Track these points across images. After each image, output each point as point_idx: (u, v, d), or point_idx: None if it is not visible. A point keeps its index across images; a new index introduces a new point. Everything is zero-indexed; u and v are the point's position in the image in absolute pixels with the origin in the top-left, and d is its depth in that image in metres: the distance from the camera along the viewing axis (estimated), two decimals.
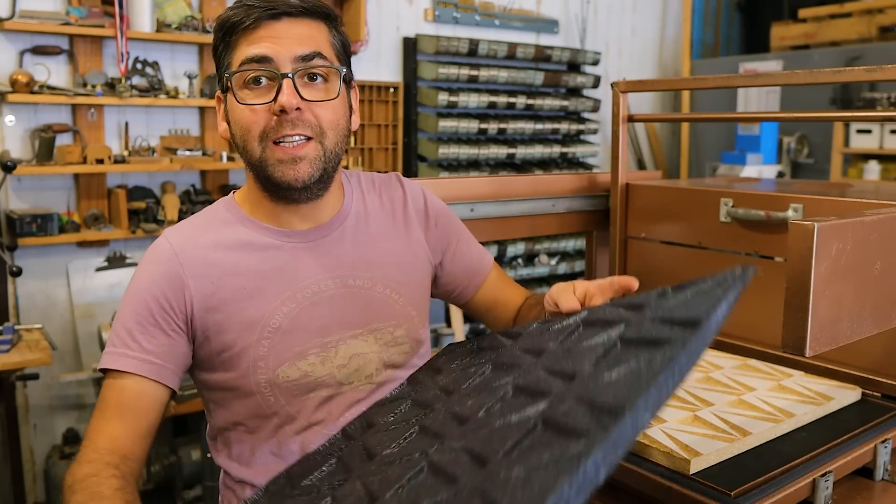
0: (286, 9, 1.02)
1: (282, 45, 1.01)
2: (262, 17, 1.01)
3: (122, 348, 1.02)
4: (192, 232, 1.10)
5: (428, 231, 1.24)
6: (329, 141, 1.05)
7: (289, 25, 1.03)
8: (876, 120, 2.81)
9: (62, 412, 3.04)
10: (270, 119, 1.02)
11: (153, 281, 1.05)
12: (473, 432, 0.74)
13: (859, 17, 4.37)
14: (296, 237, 1.11)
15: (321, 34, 1.06)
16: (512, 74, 3.95)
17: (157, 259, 1.06)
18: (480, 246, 1.33)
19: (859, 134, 4.12)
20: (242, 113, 1.03)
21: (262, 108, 1.02)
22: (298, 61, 1.02)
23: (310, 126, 1.03)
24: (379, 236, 1.18)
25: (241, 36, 1.03)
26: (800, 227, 0.90)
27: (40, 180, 2.92)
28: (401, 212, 1.22)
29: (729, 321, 0.68)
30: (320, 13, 1.06)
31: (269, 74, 1.01)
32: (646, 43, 4.98)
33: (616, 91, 1.74)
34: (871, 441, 1.12)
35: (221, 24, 1.05)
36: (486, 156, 3.89)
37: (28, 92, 2.70)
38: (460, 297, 1.31)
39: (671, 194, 1.71)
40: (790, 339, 0.93)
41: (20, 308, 2.91)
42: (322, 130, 1.04)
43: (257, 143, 1.03)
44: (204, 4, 3.17)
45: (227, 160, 3.15)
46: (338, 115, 1.06)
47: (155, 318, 1.03)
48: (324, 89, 1.05)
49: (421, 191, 1.26)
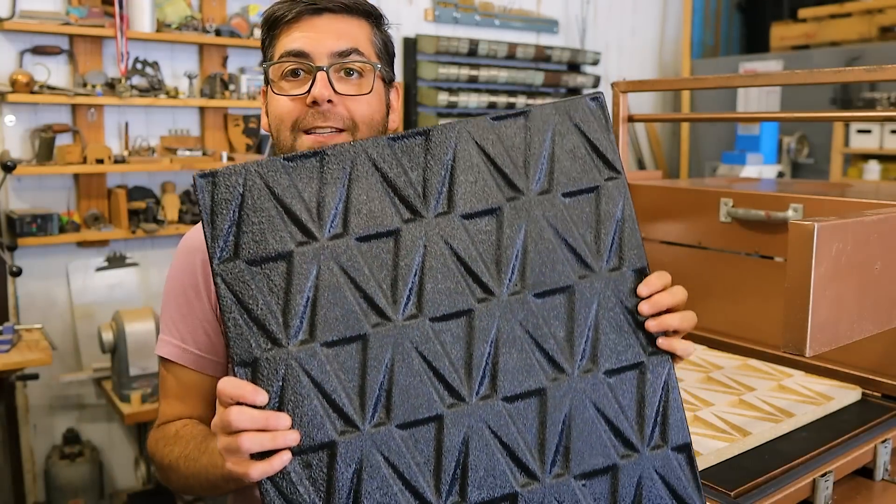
0: (327, 4, 1.05)
1: (319, 39, 1.04)
2: (304, 11, 1.04)
3: (167, 335, 1.10)
4: None
5: None
6: (361, 134, 1.06)
7: (329, 21, 1.05)
8: (876, 120, 2.80)
9: (62, 412, 3.04)
10: (304, 110, 1.04)
11: (188, 272, 1.10)
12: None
13: (859, 17, 4.37)
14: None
15: (361, 31, 1.07)
16: (512, 74, 3.95)
17: (190, 248, 1.11)
18: None
19: (859, 134, 4.12)
20: (278, 102, 1.05)
21: (297, 98, 1.04)
22: (334, 56, 1.04)
23: (341, 119, 1.04)
24: None
25: (283, 29, 1.06)
26: (800, 227, 0.90)
27: (40, 180, 2.92)
28: None
29: (729, 321, 0.68)
30: (361, 11, 1.08)
31: (306, 67, 1.03)
32: (646, 43, 4.98)
33: (616, 91, 1.74)
34: (871, 441, 1.12)
35: (266, 19, 1.08)
36: None
37: (28, 92, 2.70)
38: None
39: (671, 194, 1.71)
40: (790, 339, 0.93)
41: (20, 308, 2.91)
42: (355, 124, 1.05)
43: (289, 133, 1.05)
44: (204, 4, 3.17)
45: (227, 160, 3.15)
46: (372, 111, 1.07)
47: (192, 305, 1.09)
48: (358, 84, 1.06)
49: None
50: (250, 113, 3.28)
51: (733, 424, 1.13)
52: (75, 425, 3.01)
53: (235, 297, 0.81)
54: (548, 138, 0.89)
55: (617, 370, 0.86)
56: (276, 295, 0.82)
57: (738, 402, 1.23)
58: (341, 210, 0.84)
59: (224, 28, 3.12)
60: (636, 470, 0.85)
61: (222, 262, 0.82)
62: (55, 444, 2.99)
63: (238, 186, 0.83)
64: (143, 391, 2.66)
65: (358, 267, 0.83)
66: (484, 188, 0.87)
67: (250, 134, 3.28)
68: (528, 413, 0.84)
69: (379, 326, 0.82)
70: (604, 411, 0.85)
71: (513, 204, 0.87)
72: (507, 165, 0.88)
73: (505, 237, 0.86)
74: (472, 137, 0.88)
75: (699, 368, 1.41)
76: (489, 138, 0.88)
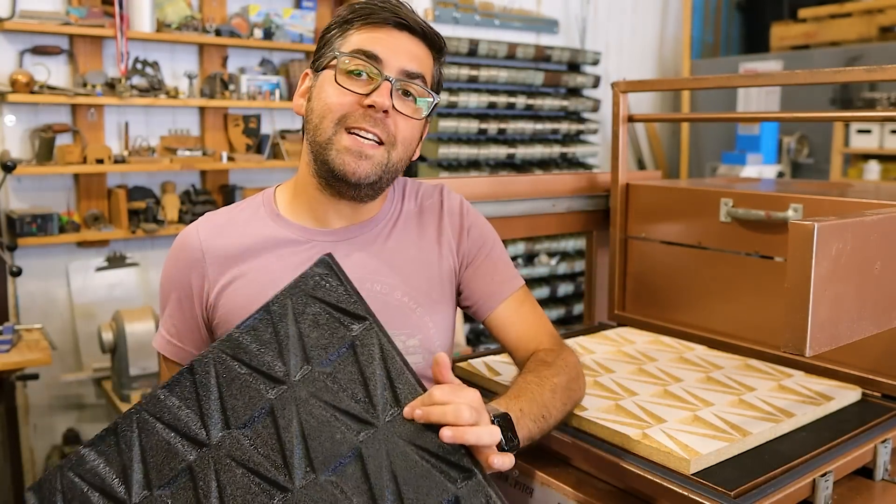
0: (410, 24, 1.08)
1: (395, 53, 1.06)
2: (389, 20, 1.06)
3: (164, 330, 1.15)
4: (221, 221, 1.16)
5: (460, 241, 1.22)
6: (396, 154, 1.08)
7: (407, 40, 1.08)
8: (876, 120, 2.80)
9: (62, 412, 3.04)
10: (356, 109, 1.05)
11: (179, 267, 1.13)
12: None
13: (859, 17, 4.37)
14: (324, 235, 1.13)
15: (428, 61, 1.11)
16: (512, 74, 3.95)
17: (183, 245, 1.13)
18: (512, 271, 1.25)
19: (859, 134, 4.12)
20: (333, 91, 1.06)
21: (354, 96, 1.05)
22: (403, 74, 1.06)
23: (387, 132, 1.06)
24: (408, 243, 1.18)
25: (362, 28, 1.07)
26: (800, 227, 0.90)
27: (40, 180, 2.92)
28: (435, 221, 1.22)
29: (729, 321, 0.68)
30: (434, 42, 1.11)
31: (374, 73, 1.05)
32: (646, 43, 4.98)
33: (616, 91, 1.74)
34: (871, 441, 1.12)
35: (350, 9, 1.09)
36: (486, 156, 3.89)
37: (28, 92, 2.70)
38: (476, 315, 1.25)
39: (671, 194, 1.71)
40: (790, 339, 0.93)
41: (20, 308, 2.91)
42: (395, 141, 1.07)
43: (332, 125, 1.06)
44: (204, 4, 3.17)
45: (227, 160, 3.15)
46: (413, 135, 1.11)
47: (182, 302, 1.12)
48: (412, 108, 1.09)
49: (460, 202, 1.25)
50: (250, 113, 3.28)
51: (733, 424, 1.13)
52: (75, 425, 3.01)
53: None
54: (290, 322, 0.92)
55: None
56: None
57: (738, 402, 1.23)
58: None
59: (224, 28, 3.12)
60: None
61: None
62: (55, 444, 2.99)
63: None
64: (143, 391, 2.66)
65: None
66: (250, 396, 0.90)
67: (250, 134, 3.28)
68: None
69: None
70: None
71: (279, 397, 0.89)
72: (263, 364, 0.91)
73: (282, 431, 0.88)
74: (226, 354, 0.92)
75: (699, 368, 1.41)
76: (242, 348, 0.92)
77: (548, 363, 1.10)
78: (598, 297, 1.95)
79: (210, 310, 1.11)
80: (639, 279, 1.78)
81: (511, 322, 1.21)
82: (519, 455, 1.21)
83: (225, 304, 1.09)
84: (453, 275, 1.21)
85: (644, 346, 1.56)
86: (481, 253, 1.23)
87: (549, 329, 1.23)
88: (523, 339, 1.21)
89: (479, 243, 1.23)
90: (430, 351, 1.15)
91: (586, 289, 1.99)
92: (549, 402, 1.03)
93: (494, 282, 1.22)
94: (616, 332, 1.69)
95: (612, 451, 1.08)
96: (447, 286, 1.20)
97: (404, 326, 1.13)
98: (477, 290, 1.22)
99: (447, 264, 1.20)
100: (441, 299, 1.18)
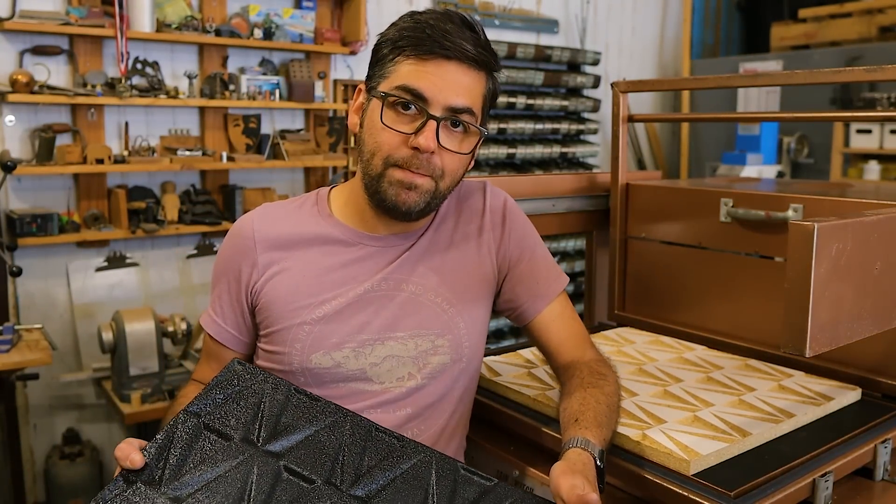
0: (459, 55, 1.05)
1: (441, 88, 1.04)
2: (437, 52, 1.04)
3: (210, 309, 1.21)
4: (275, 214, 1.20)
5: (501, 241, 1.22)
6: (443, 184, 1.10)
7: (455, 71, 1.06)
8: (876, 120, 2.81)
9: (62, 412, 3.04)
10: (402, 146, 1.06)
11: (232, 253, 1.18)
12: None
13: (859, 17, 4.37)
14: (372, 241, 1.16)
15: (479, 86, 1.09)
16: (512, 74, 3.95)
17: (238, 233, 1.19)
18: (555, 271, 1.25)
19: (859, 134, 4.11)
20: (381, 131, 1.07)
21: (401, 136, 1.06)
22: (449, 111, 1.05)
23: (433, 169, 1.07)
24: (447, 242, 1.19)
25: (411, 58, 1.06)
26: (800, 227, 0.90)
27: (40, 180, 2.92)
28: (477, 220, 1.22)
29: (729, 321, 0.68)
30: (485, 63, 1.09)
31: (420, 110, 1.05)
32: (646, 43, 4.98)
33: (616, 91, 1.74)
34: (871, 441, 1.12)
35: (400, 32, 1.07)
36: (486, 156, 3.89)
37: (28, 92, 2.70)
38: (518, 319, 1.25)
39: (671, 194, 1.71)
40: (790, 339, 0.93)
41: (20, 308, 2.91)
42: (443, 174, 1.09)
43: (381, 162, 1.08)
44: (204, 4, 3.17)
45: (227, 160, 3.15)
46: (461, 167, 1.12)
47: (230, 285, 1.17)
48: (460, 140, 1.09)
49: (503, 200, 1.25)
50: (250, 113, 3.28)
51: (733, 425, 1.13)
52: (75, 425, 3.01)
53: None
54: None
55: None
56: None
57: (737, 402, 1.23)
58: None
59: (224, 28, 3.11)
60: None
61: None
62: (55, 444, 2.99)
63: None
64: (143, 391, 2.66)
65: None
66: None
67: (250, 134, 3.28)
68: None
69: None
70: None
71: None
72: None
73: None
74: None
75: (699, 368, 1.41)
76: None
77: (603, 374, 1.14)
78: (598, 297, 1.95)
79: (254, 296, 1.16)
80: (639, 279, 1.78)
81: (555, 327, 1.23)
82: (519, 455, 1.22)
83: (268, 292, 1.14)
84: (492, 276, 1.21)
85: (644, 347, 1.56)
86: (525, 254, 1.23)
87: (586, 333, 1.26)
88: (565, 344, 1.22)
89: (520, 244, 1.24)
90: (458, 352, 1.16)
91: (586, 289, 1.99)
92: (614, 424, 1.08)
93: (539, 285, 1.23)
94: (616, 332, 1.69)
95: (612, 451, 1.08)
96: (484, 287, 1.20)
97: (434, 326, 1.15)
98: (521, 295, 1.22)
99: (486, 265, 1.21)
100: (476, 299, 1.19)
